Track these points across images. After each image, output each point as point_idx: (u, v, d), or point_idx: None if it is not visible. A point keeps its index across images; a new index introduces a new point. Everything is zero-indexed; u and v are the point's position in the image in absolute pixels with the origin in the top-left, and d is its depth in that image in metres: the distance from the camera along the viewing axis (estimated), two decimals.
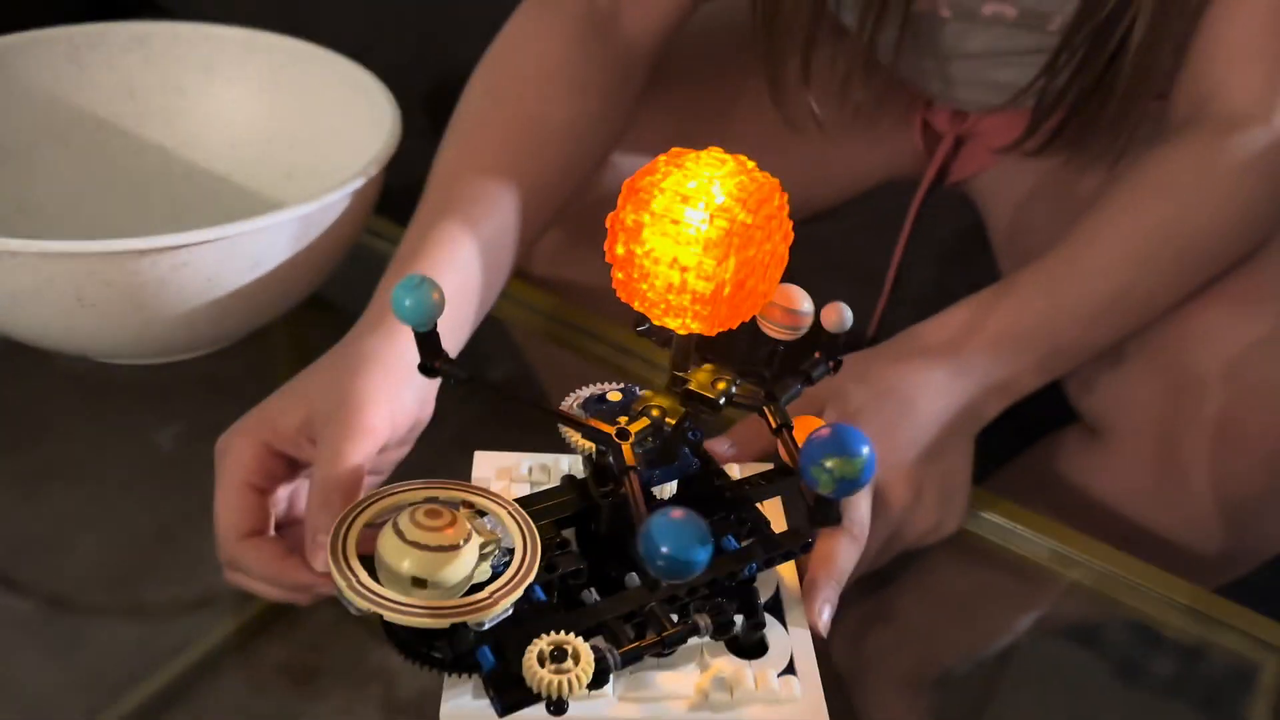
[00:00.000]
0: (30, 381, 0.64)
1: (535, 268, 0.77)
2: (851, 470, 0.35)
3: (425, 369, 0.41)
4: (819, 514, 0.39)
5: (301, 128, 0.72)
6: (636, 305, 0.39)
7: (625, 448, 0.40)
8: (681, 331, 0.39)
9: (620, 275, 0.39)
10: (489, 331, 0.71)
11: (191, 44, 0.72)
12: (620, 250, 0.38)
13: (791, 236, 0.39)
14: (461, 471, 0.50)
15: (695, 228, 0.36)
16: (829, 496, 0.36)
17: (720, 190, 0.37)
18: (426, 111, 1.05)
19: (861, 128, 0.79)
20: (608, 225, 0.39)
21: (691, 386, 0.41)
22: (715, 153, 0.38)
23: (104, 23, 0.70)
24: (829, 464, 0.35)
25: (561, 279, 0.76)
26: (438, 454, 0.60)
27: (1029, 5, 0.67)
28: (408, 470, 0.56)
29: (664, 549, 0.33)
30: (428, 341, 0.41)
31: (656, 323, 0.39)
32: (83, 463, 0.60)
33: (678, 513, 0.34)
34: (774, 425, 0.42)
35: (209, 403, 0.64)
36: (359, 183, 0.57)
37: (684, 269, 0.37)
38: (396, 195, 0.71)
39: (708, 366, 0.42)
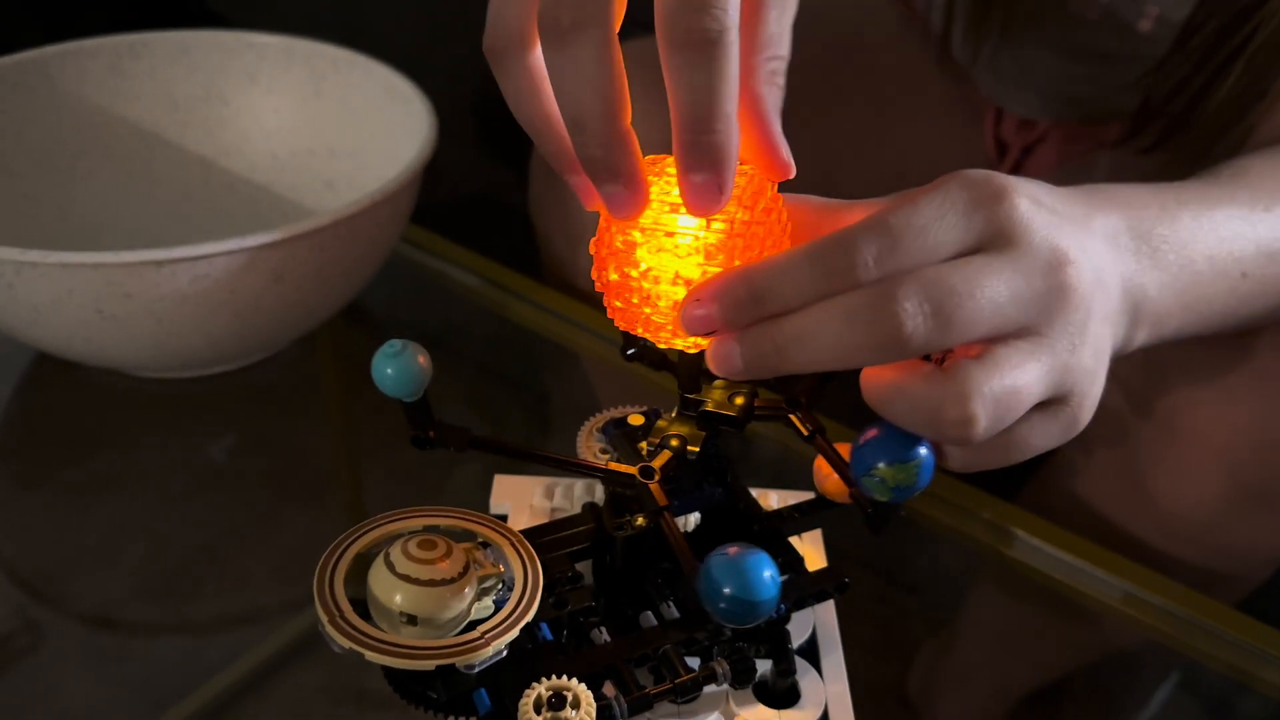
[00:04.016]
0: (73, 395, 0.63)
1: (580, 282, 0.74)
2: (906, 477, 0.32)
3: (418, 441, 0.37)
4: (876, 520, 0.36)
5: (342, 137, 0.70)
6: (639, 331, 0.35)
7: (654, 487, 0.37)
8: (692, 351, 0.35)
9: (618, 303, 0.35)
10: (523, 345, 0.69)
11: (234, 52, 0.71)
12: (613, 276, 0.34)
13: (791, 228, 0.35)
14: (483, 494, 0.48)
15: (692, 235, 0.33)
16: (888, 502, 0.34)
17: None
18: (477, 121, 1.04)
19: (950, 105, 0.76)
20: (592, 252, 0.35)
21: (709, 407, 0.38)
22: None
23: (147, 32, 0.69)
24: (880, 472, 0.32)
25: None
26: (460, 476, 0.58)
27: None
28: (423, 494, 0.54)
29: (726, 589, 0.31)
30: (416, 411, 0.36)
31: (663, 346, 0.36)
32: (128, 476, 0.59)
33: (733, 549, 0.31)
34: (805, 433, 0.38)
35: (250, 415, 0.63)
36: (373, 198, 0.55)
37: (688, 283, 0.33)
38: (437, 205, 0.70)
39: (719, 383, 0.39)
